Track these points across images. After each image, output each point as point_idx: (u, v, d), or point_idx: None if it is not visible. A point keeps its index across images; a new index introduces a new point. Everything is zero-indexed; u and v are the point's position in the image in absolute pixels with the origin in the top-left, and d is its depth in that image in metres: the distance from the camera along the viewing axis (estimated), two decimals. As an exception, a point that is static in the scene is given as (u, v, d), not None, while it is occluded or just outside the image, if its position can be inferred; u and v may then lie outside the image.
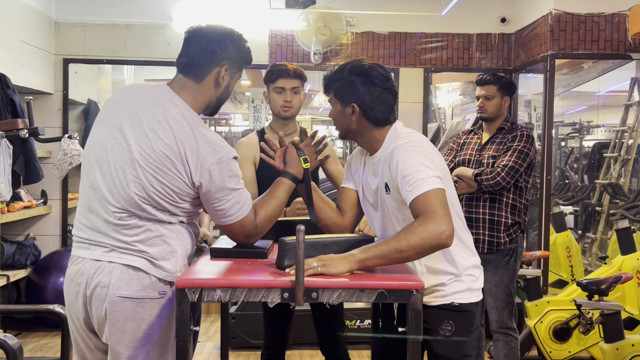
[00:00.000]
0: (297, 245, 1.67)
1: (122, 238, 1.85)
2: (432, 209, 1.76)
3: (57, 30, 5.03)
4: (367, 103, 1.98)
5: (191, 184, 1.84)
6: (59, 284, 4.53)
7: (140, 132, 1.84)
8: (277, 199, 2.02)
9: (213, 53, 1.91)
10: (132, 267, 1.84)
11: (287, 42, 5.11)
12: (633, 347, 3.38)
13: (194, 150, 1.81)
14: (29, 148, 4.31)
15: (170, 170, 1.81)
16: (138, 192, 1.82)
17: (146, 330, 1.86)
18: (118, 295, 1.82)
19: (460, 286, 2.00)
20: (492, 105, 3.31)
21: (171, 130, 1.82)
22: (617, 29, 4.46)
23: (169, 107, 1.86)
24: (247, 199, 1.92)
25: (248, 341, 4.31)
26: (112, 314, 1.83)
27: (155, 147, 1.81)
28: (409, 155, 1.88)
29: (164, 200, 1.84)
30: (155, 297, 1.86)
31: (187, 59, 1.93)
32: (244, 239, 1.97)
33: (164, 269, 1.87)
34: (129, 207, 1.83)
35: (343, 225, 2.18)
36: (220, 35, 1.94)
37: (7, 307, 4.13)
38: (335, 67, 2.06)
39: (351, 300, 1.71)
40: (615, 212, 4.13)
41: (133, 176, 1.82)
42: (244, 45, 2.00)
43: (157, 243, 1.87)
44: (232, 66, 1.97)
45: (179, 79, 1.94)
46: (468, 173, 3.21)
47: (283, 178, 2.08)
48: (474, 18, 5.13)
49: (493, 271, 3.25)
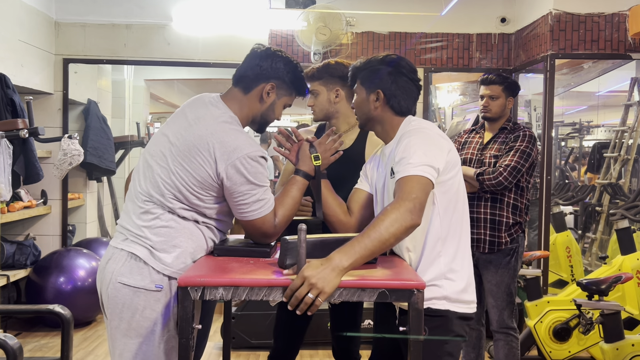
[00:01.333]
0: (299, 245, 1.67)
1: (137, 222, 1.96)
2: (407, 191, 1.78)
3: (57, 30, 5.03)
4: (392, 91, 2.04)
5: (215, 175, 1.91)
6: (59, 284, 4.53)
7: (181, 125, 1.98)
8: (292, 198, 2.06)
9: (263, 68, 2.04)
10: (134, 256, 1.93)
11: (287, 42, 5.11)
12: (633, 347, 3.38)
13: (223, 143, 1.90)
14: (29, 148, 4.30)
15: (195, 160, 1.90)
16: (163, 175, 1.94)
17: (140, 321, 1.92)
18: (118, 282, 1.92)
19: (437, 292, 1.93)
20: (497, 106, 3.30)
21: (206, 125, 1.94)
22: (617, 29, 4.46)
23: (212, 108, 2.00)
24: (270, 198, 1.98)
25: (248, 341, 4.30)
26: (112, 299, 1.93)
27: (187, 137, 1.93)
28: (411, 139, 1.92)
29: (185, 187, 1.92)
30: (151, 290, 1.92)
31: (240, 71, 2.07)
32: (262, 238, 2.01)
33: (162, 261, 1.93)
34: (152, 190, 1.95)
35: (348, 224, 2.18)
36: (275, 56, 2.06)
37: (7, 307, 4.13)
38: (363, 59, 2.12)
39: (352, 300, 1.71)
40: (615, 212, 4.13)
41: (163, 162, 1.95)
42: (297, 73, 2.10)
43: (162, 233, 1.94)
44: (280, 87, 2.07)
45: (230, 89, 2.08)
46: (470, 172, 3.20)
47: (296, 176, 2.12)
48: (474, 18, 5.13)
49: (494, 271, 3.25)
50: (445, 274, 1.95)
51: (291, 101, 2.15)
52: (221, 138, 1.90)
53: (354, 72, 2.13)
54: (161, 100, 9.15)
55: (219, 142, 1.90)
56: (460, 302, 1.97)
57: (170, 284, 1.93)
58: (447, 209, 1.96)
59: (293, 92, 2.12)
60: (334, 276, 1.65)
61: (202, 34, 5.05)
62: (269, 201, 1.97)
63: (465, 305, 1.98)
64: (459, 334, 1.97)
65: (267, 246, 2.01)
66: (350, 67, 2.16)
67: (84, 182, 5.56)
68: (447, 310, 1.94)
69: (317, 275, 1.64)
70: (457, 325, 1.96)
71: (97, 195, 5.93)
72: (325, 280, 1.64)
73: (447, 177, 1.94)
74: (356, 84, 2.12)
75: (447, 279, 1.95)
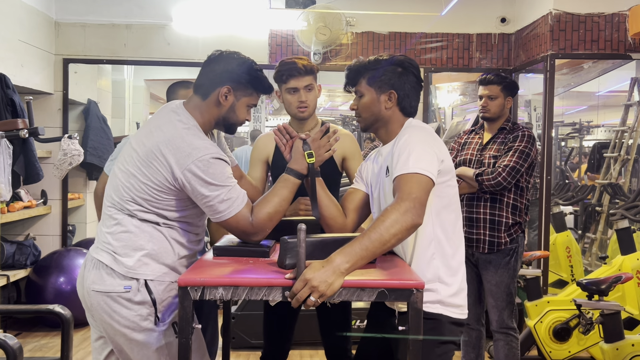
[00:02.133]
0: (299, 244, 1.67)
1: (102, 228, 2.05)
2: (407, 190, 1.78)
3: (57, 30, 5.03)
4: (406, 91, 2.05)
5: (172, 179, 1.94)
6: (59, 284, 4.54)
7: (143, 133, 2.05)
8: (278, 196, 2.03)
9: (216, 73, 2.05)
10: (101, 263, 2.00)
11: (287, 42, 5.11)
12: (633, 347, 3.38)
13: (178, 148, 1.93)
14: (29, 148, 4.30)
15: (152, 165, 1.95)
16: (123, 179, 2.01)
17: (118, 320, 1.98)
18: (92, 289, 2.00)
19: (431, 296, 1.93)
20: (495, 106, 3.30)
21: (164, 132, 1.98)
22: (617, 29, 4.46)
23: (172, 115, 2.04)
24: (238, 196, 1.96)
25: (248, 341, 4.30)
26: (90, 306, 2.03)
27: (147, 143, 1.98)
28: (410, 137, 1.92)
29: (143, 190, 1.96)
30: (121, 292, 1.97)
31: (197, 79, 2.10)
32: (243, 236, 2.01)
33: (124, 265, 1.99)
34: (114, 195, 2.03)
35: (344, 225, 2.16)
36: (228, 59, 2.08)
37: (7, 307, 4.13)
38: (363, 59, 2.10)
39: (352, 299, 1.71)
40: (615, 212, 4.13)
41: (124, 167, 2.02)
42: (253, 72, 2.07)
43: (122, 238, 2.00)
44: (237, 88, 2.06)
45: (191, 97, 2.10)
46: (469, 173, 3.20)
47: (286, 175, 2.08)
48: (474, 18, 5.13)
49: (494, 271, 3.24)
50: (440, 277, 1.94)
51: (254, 100, 2.12)
52: (176, 144, 1.93)
53: (356, 72, 2.10)
54: (161, 100, 9.15)
55: (174, 148, 1.93)
56: (454, 306, 1.97)
57: (138, 282, 1.98)
58: (440, 212, 1.96)
59: (252, 91, 2.09)
60: (335, 278, 1.65)
61: (202, 34, 5.05)
62: (237, 199, 1.95)
63: (458, 310, 1.98)
64: (451, 340, 1.97)
65: (267, 246, 2.01)
66: (350, 68, 2.12)
67: (84, 182, 5.56)
68: (441, 315, 1.94)
69: (318, 277, 1.64)
70: (449, 330, 1.96)
71: (97, 195, 5.92)
72: (326, 282, 1.64)
73: (441, 181, 1.94)
74: (360, 84, 2.09)
75: (442, 283, 1.94)
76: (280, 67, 2.55)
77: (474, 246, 3.26)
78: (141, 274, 1.98)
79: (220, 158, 1.95)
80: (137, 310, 1.98)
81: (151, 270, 1.99)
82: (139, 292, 1.97)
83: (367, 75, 2.07)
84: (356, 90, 2.11)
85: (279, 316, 2.63)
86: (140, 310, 1.98)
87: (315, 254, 1.79)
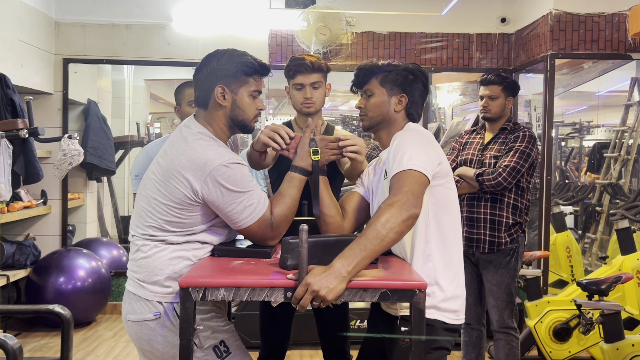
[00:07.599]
0: (301, 245, 1.67)
1: (130, 257, 2.04)
2: (399, 185, 1.78)
3: (57, 30, 5.03)
4: (416, 97, 2.10)
5: (192, 194, 1.89)
6: (59, 284, 4.53)
7: (161, 154, 2.02)
8: (289, 197, 2.02)
9: (204, 79, 2.00)
10: (131, 293, 2.00)
11: (287, 42, 5.11)
12: (633, 347, 3.38)
13: (193, 161, 1.89)
14: (29, 148, 4.30)
15: (170, 183, 1.90)
16: (144, 203, 1.97)
17: (158, 348, 1.97)
18: (128, 320, 2.00)
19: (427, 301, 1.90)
20: (496, 106, 3.30)
21: (176, 148, 1.95)
22: (617, 29, 4.46)
23: (184, 129, 2.01)
24: (260, 201, 1.94)
25: (248, 341, 4.29)
26: (131, 336, 2.03)
27: (163, 164, 1.95)
28: (404, 138, 1.95)
29: (165, 211, 1.91)
30: (152, 319, 1.95)
31: (194, 93, 2.06)
32: (263, 241, 2.00)
33: (149, 291, 1.95)
34: (136, 220, 1.99)
35: (341, 226, 2.16)
36: (208, 60, 2.01)
37: (7, 307, 4.13)
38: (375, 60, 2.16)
39: (354, 300, 1.70)
40: (615, 212, 4.13)
41: (145, 192, 1.99)
42: (235, 58, 1.99)
43: (143, 265, 1.96)
44: (229, 83, 1.98)
45: (197, 110, 2.07)
46: (470, 173, 3.20)
47: (292, 173, 2.08)
48: (474, 18, 5.13)
49: (494, 271, 3.25)
50: (435, 280, 1.92)
51: (255, 86, 2.02)
52: (190, 156, 1.89)
53: (368, 72, 2.12)
54: (161, 100, 9.14)
55: (188, 161, 1.88)
56: (449, 311, 1.95)
57: (165, 307, 1.94)
58: (437, 214, 1.95)
59: (245, 77, 1.99)
60: (337, 283, 1.65)
61: (202, 34, 5.05)
62: (259, 204, 1.93)
63: (454, 315, 1.96)
64: (444, 346, 1.95)
65: (268, 247, 2.00)
66: (362, 67, 2.14)
67: (84, 182, 5.55)
68: (435, 320, 1.92)
69: (319, 282, 1.64)
70: (442, 335, 1.94)
71: (97, 195, 5.92)
72: (328, 288, 1.64)
73: (439, 183, 1.94)
74: (371, 84, 2.11)
75: (437, 286, 1.93)
76: (289, 63, 2.59)
77: (474, 246, 3.26)
78: (167, 296, 1.93)
79: (237, 162, 1.91)
80: (171, 335, 1.93)
81: (176, 292, 1.91)
82: (168, 316, 1.93)
83: (380, 76, 2.10)
84: (366, 89, 2.12)
85: (274, 317, 2.64)
86: (176, 335, 1.90)
87: (317, 254, 1.79)
